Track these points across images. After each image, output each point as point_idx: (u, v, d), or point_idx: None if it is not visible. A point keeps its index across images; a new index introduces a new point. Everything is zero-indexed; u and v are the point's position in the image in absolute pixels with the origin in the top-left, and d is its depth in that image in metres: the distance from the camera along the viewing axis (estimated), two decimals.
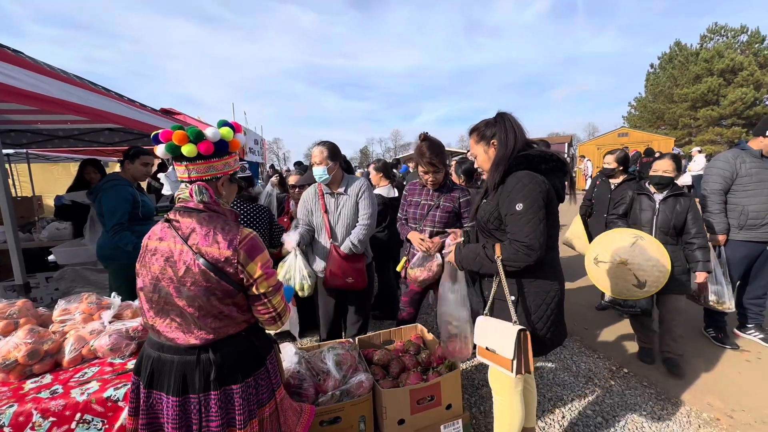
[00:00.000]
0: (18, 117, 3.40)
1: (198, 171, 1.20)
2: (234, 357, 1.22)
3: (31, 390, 1.36)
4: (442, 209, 2.37)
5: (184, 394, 1.17)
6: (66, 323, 1.70)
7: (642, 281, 2.48)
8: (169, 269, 1.16)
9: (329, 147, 2.41)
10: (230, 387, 1.20)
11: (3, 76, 1.88)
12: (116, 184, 2.76)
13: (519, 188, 1.45)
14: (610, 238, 2.69)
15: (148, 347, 1.24)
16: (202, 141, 1.17)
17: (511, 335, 1.41)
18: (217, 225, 1.20)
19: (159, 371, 1.19)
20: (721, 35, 25.14)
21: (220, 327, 1.20)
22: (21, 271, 1.98)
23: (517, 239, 1.45)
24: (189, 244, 1.16)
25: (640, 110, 29.04)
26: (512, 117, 1.59)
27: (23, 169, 6.42)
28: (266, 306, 1.25)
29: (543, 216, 1.43)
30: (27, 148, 5.09)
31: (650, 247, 2.52)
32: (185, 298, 1.15)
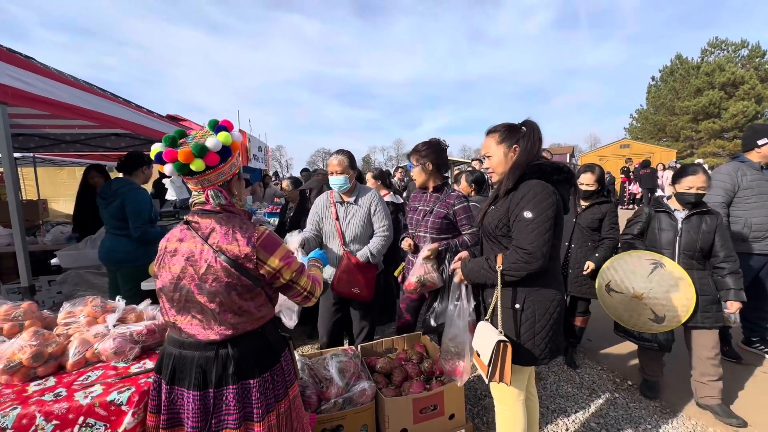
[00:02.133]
0: (26, 121, 3.45)
1: (210, 180, 1.24)
2: (251, 352, 1.27)
3: (35, 392, 1.35)
4: (435, 215, 2.34)
5: (204, 388, 1.21)
6: (70, 326, 1.70)
7: (660, 316, 2.21)
8: (191, 268, 1.21)
9: (349, 156, 2.44)
10: (247, 381, 1.24)
11: (16, 80, 1.92)
12: (137, 188, 2.92)
13: (530, 196, 1.46)
14: (625, 264, 2.37)
15: (169, 345, 1.28)
16: (206, 154, 1.19)
17: (491, 342, 1.44)
18: (235, 224, 1.25)
19: (180, 368, 1.23)
20: (721, 49, 25.41)
21: (239, 323, 1.24)
22: (27, 273, 1.99)
23: (520, 246, 1.46)
24: (209, 243, 1.21)
25: (642, 122, 29.21)
26: (537, 126, 1.59)
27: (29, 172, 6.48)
28: (296, 289, 1.34)
29: (550, 226, 1.44)
30: (34, 152, 5.14)
31: (671, 275, 2.21)
32: (207, 294, 1.20)
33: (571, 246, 2.84)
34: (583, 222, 2.83)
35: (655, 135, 27.59)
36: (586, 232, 2.81)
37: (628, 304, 2.30)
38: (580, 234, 2.82)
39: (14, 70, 1.92)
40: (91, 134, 4.39)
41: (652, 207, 2.52)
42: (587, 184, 2.81)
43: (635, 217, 2.59)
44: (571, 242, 2.84)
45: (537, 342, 1.52)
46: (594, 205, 2.82)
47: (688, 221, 2.33)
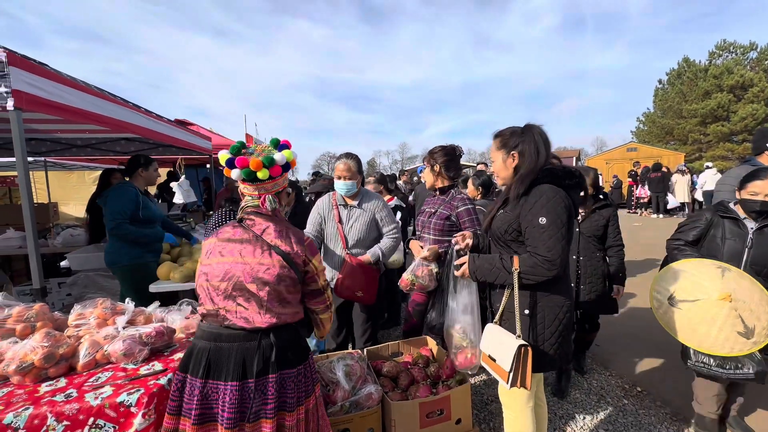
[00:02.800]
0: (39, 126, 3.52)
1: (266, 189, 1.42)
2: (289, 344, 1.37)
3: (47, 393, 1.37)
4: (438, 216, 2.35)
5: (243, 379, 1.26)
6: (81, 328, 1.72)
7: (750, 327, 1.75)
8: (243, 259, 1.33)
9: (357, 161, 2.47)
10: (285, 371, 1.33)
11: (31, 86, 1.96)
12: (120, 186, 2.95)
13: (543, 202, 1.45)
14: (687, 270, 1.97)
15: (201, 340, 1.34)
16: (273, 166, 1.39)
17: (512, 348, 1.42)
18: (286, 226, 1.44)
19: (216, 361, 1.28)
20: (730, 52, 25.17)
21: (282, 313, 1.35)
22: (39, 275, 2.02)
23: (538, 253, 1.44)
24: (264, 238, 1.37)
25: (649, 125, 28.97)
26: (540, 130, 1.57)
27: (40, 176, 6.59)
28: (323, 297, 1.49)
29: (565, 233, 1.43)
30: (45, 157, 5.23)
31: (742, 281, 1.84)
32: (257, 282, 1.31)
33: (579, 258, 2.60)
34: (587, 231, 2.60)
35: (663, 138, 27.34)
36: (592, 241, 2.60)
37: (707, 312, 1.80)
38: (587, 244, 2.60)
39: (29, 77, 1.96)
40: (102, 138, 4.47)
41: (716, 212, 2.15)
42: None
43: (691, 221, 2.23)
44: (579, 254, 2.60)
45: (547, 348, 1.51)
46: (594, 211, 2.63)
47: (760, 232, 1.99)
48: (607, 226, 2.59)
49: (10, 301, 1.79)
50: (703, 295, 1.82)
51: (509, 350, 1.43)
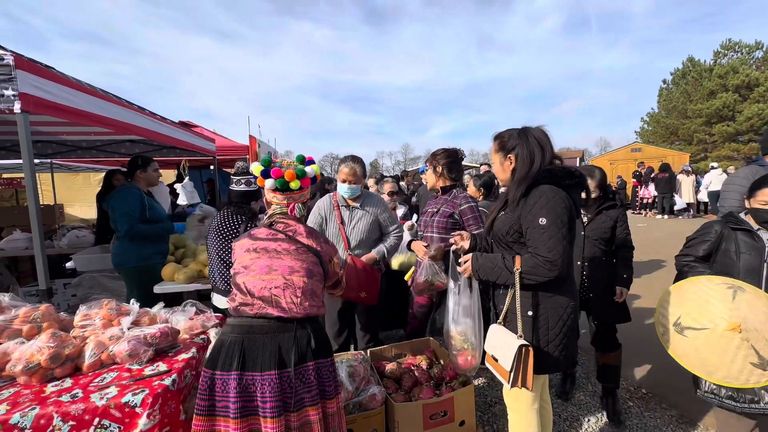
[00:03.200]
0: (45, 129, 3.55)
1: (294, 198, 1.59)
2: (320, 334, 1.45)
3: (53, 393, 1.38)
4: (441, 214, 2.36)
5: (282, 368, 1.30)
6: (86, 328, 1.73)
7: (766, 357, 1.56)
8: (280, 255, 1.45)
9: (362, 165, 2.49)
10: (321, 360, 1.39)
11: (38, 89, 1.98)
12: (124, 188, 2.98)
13: (543, 202, 1.45)
14: (695, 292, 1.77)
15: (231, 334, 1.36)
16: (304, 178, 1.58)
17: (513, 348, 1.42)
18: (313, 231, 1.59)
19: (250, 352, 1.31)
20: (735, 51, 24.99)
21: (313, 305, 1.44)
22: (45, 276, 2.04)
23: (539, 253, 1.43)
24: (296, 238, 1.51)
25: (653, 125, 28.80)
26: (539, 132, 1.56)
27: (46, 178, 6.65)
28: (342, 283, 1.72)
29: (566, 233, 1.42)
30: (51, 158, 5.28)
31: (758, 302, 1.63)
32: (294, 275, 1.43)
33: (585, 264, 2.36)
34: (593, 234, 2.37)
35: (668, 138, 27.16)
36: (599, 245, 2.36)
37: (716, 343, 1.62)
38: (593, 248, 2.37)
39: (36, 80, 1.98)
40: (107, 140, 4.50)
41: (726, 223, 1.96)
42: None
43: (700, 235, 2.03)
44: (584, 260, 2.37)
45: (551, 350, 1.50)
46: (601, 212, 2.39)
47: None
48: (615, 227, 2.37)
49: (17, 302, 1.81)
50: (710, 324, 1.64)
51: (510, 350, 1.43)
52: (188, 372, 1.59)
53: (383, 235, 2.61)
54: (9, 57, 1.84)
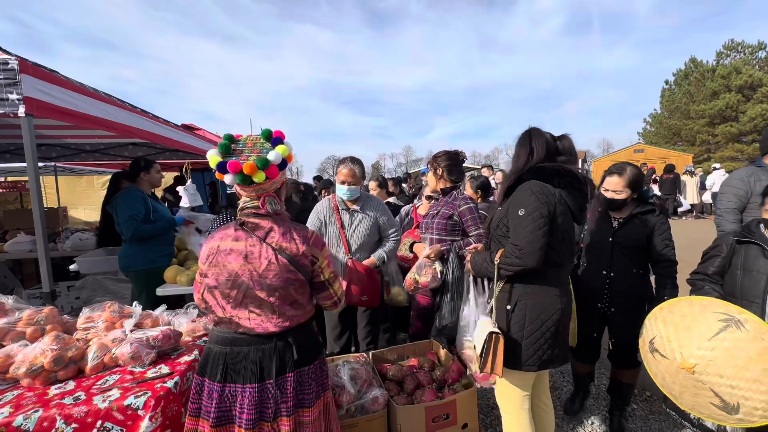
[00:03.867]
0: (49, 132, 3.57)
1: (264, 189, 1.34)
2: (305, 342, 1.38)
3: (55, 396, 1.38)
4: (441, 216, 2.36)
5: (261, 381, 1.28)
6: (89, 331, 1.74)
7: (731, 404, 1.36)
8: (249, 265, 1.29)
9: (361, 166, 2.49)
10: (303, 369, 1.35)
11: (42, 93, 2.00)
12: (127, 191, 2.99)
13: (523, 195, 1.50)
14: (681, 314, 1.55)
15: (216, 345, 1.33)
16: (268, 167, 1.29)
17: (484, 333, 1.48)
18: (289, 224, 1.38)
19: (233, 365, 1.29)
20: (737, 51, 24.92)
21: (295, 315, 1.35)
22: (49, 279, 2.05)
23: (513, 242, 1.49)
24: (268, 242, 1.31)
25: (656, 126, 28.73)
26: (536, 133, 1.62)
27: (50, 181, 6.68)
28: (329, 292, 1.44)
29: (543, 224, 1.44)
30: (55, 162, 5.31)
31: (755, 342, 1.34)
32: (266, 289, 1.29)
33: (611, 274, 2.10)
34: (624, 241, 2.09)
35: (670, 139, 27.08)
36: (629, 254, 2.09)
37: (676, 375, 1.49)
38: (621, 257, 2.09)
39: (40, 84, 1.99)
40: (110, 144, 4.53)
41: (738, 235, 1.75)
42: (614, 191, 2.09)
43: (712, 249, 1.84)
44: (610, 269, 2.11)
45: (525, 347, 1.52)
46: (634, 218, 2.10)
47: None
48: (652, 236, 2.05)
49: (21, 304, 1.82)
50: (671, 355, 1.49)
51: (481, 335, 1.50)
52: (190, 374, 1.60)
53: (382, 239, 2.61)
54: (14, 61, 1.86)
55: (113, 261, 3.17)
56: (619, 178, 2.09)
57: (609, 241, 2.12)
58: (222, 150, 1.31)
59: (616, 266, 2.09)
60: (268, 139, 1.34)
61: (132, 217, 2.84)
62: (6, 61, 1.85)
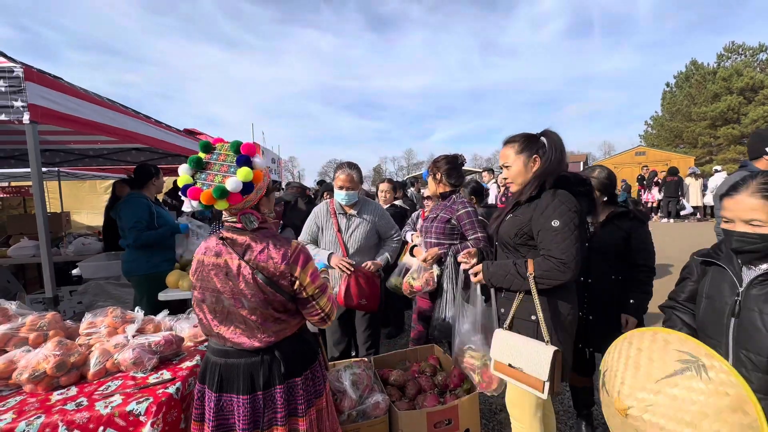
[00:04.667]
0: (53, 138, 3.61)
1: (237, 208, 1.28)
2: (294, 353, 1.36)
3: (58, 402, 1.39)
4: (439, 220, 2.35)
5: (253, 392, 1.28)
6: (92, 336, 1.74)
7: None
8: (230, 282, 1.27)
9: (358, 171, 2.50)
10: (293, 380, 1.34)
11: (46, 100, 2.02)
12: (132, 197, 3.01)
13: (556, 204, 1.45)
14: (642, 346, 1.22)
15: (213, 356, 1.35)
16: (227, 196, 1.19)
17: (546, 356, 1.38)
18: (268, 241, 1.31)
19: (227, 376, 1.30)
20: (738, 54, 24.93)
21: (280, 330, 1.34)
22: (52, 284, 2.06)
23: (553, 255, 1.43)
24: (245, 259, 1.27)
25: (657, 129, 28.70)
26: (558, 136, 1.57)
27: (54, 186, 6.72)
28: (314, 308, 1.37)
29: (578, 236, 1.43)
30: (59, 167, 5.35)
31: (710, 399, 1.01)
32: (247, 308, 1.27)
33: (588, 281, 2.01)
34: (600, 246, 2.00)
35: (672, 142, 27.04)
36: (607, 259, 2.00)
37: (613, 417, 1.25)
38: (599, 263, 1.99)
39: (44, 91, 2.02)
40: (113, 149, 4.56)
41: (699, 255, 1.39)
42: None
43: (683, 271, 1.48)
44: (588, 275, 2.01)
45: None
46: (609, 222, 2.02)
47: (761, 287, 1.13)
48: (629, 241, 1.98)
49: (24, 310, 1.83)
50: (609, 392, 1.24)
51: (543, 358, 1.38)
52: (192, 380, 1.60)
53: (382, 241, 2.62)
54: (19, 69, 1.88)
55: (115, 266, 3.18)
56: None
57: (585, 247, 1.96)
58: (192, 165, 1.23)
59: (594, 272, 2.01)
60: (236, 151, 1.25)
61: (136, 224, 2.86)
62: (11, 69, 1.88)
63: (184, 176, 1.24)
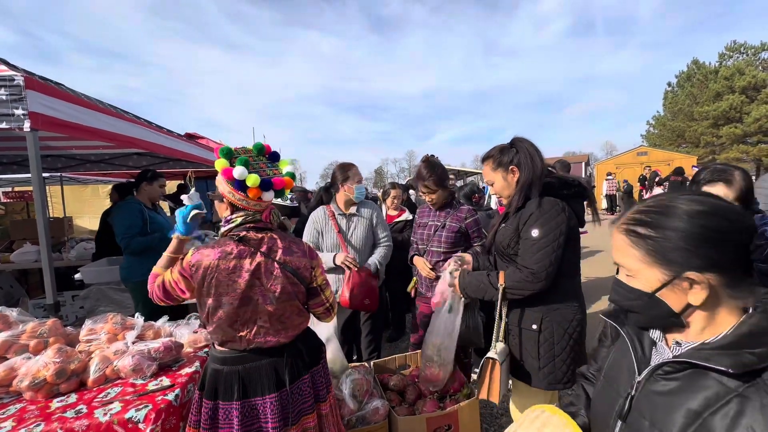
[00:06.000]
0: (55, 143, 3.63)
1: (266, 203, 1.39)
2: (312, 343, 1.48)
3: (57, 409, 1.39)
4: (448, 229, 2.34)
5: (279, 389, 1.32)
6: (92, 343, 1.75)
7: None
8: (257, 281, 1.31)
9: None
10: (314, 369, 1.44)
11: (47, 108, 2.04)
12: (124, 203, 3.03)
13: (538, 214, 1.45)
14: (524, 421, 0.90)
15: (226, 366, 1.32)
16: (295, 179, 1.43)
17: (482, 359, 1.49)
18: (288, 239, 1.42)
19: (249, 381, 1.31)
20: (740, 53, 24.80)
21: (302, 322, 1.43)
22: (53, 290, 2.07)
23: (525, 265, 1.44)
24: (272, 257, 1.34)
25: (659, 128, 28.59)
26: (529, 141, 1.56)
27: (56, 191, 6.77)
28: (321, 298, 1.48)
29: (558, 245, 1.42)
30: (61, 172, 5.38)
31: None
32: (275, 302, 1.32)
33: None
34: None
35: (674, 141, 26.91)
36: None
37: None
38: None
39: (45, 99, 2.03)
40: (114, 154, 4.58)
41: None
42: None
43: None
44: None
45: (558, 365, 1.48)
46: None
47: (664, 381, 0.70)
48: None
49: (25, 317, 1.84)
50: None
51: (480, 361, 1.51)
52: (191, 386, 1.60)
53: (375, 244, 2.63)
54: (20, 77, 1.90)
55: (117, 271, 3.19)
56: (728, 188, 1.64)
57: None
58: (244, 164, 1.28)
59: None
60: (260, 152, 1.39)
61: (128, 230, 2.86)
62: (12, 77, 1.89)
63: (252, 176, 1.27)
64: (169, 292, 1.37)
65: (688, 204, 0.67)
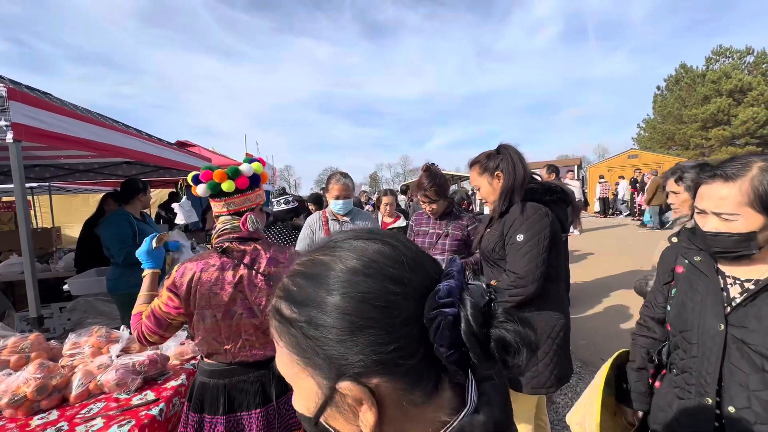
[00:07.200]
0: (43, 153, 3.58)
1: (235, 204, 1.33)
2: None
3: (37, 427, 1.36)
4: (452, 237, 2.33)
5: (266, 404, 1.29)
6: (75, 357, 1.71)
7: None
8: (240, 294, 1.28)
9: (351, 179, 2.54)
10: None
11: (31, 119, 2.01)
12: (114, 215, 3.00)
13: (521, 219, 1.47)
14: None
15: (212, 378, 1.31)
16: (239, 177, 1.30)
17: None
18: (272, 249, 1.36)
19: (237, 394, 1.29)
20: (726, 57, 25.35)
21: None
22: (36, 304, 2.03)
23: (512, 270, 1.46)
24: (256, 268, 1.29)
25: (650, 131, 29.02)
26: (514, 148, 1.60)
27: (45, 200, 6.68)
28: None
29: (543, 250, 1.43)
30: (50, 182, 5.32)
31: None
32: (260, 315, 1.28)
33: None
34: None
35: (664, 144, 27.32)
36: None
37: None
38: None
39: (29, 110, 2.01)
40: (104, 163, 4.54)
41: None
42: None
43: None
44: None
45: (541, 369, 1.48)
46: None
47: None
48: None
49: (7, 332, 1.80)
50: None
51: None
52: (177, 400, 1.57)
53: None
54: (2, 89, 1.87)
55: (104, 282, 3.14)
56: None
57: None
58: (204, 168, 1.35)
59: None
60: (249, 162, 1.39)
61: (122, 241, 2.83)
62: None
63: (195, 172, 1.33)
64: (160, 319, 1.27)
65: None
